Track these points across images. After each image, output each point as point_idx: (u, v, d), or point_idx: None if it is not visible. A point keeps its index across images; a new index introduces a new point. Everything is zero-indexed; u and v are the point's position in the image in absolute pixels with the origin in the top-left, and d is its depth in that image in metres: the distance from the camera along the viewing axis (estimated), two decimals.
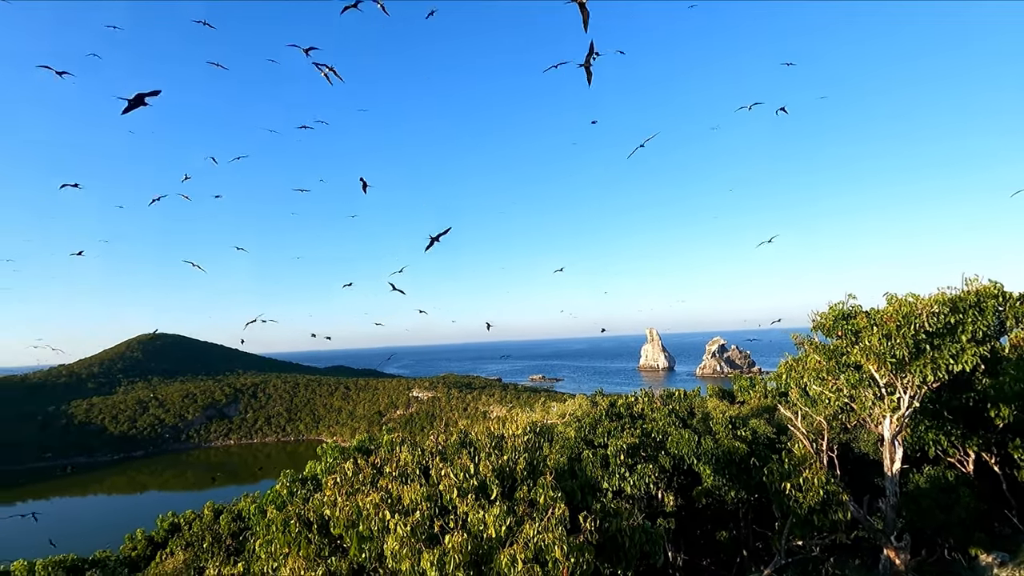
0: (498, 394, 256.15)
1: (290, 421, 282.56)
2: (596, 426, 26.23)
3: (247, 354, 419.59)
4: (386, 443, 19.41)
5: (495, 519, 8.95)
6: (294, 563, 9.82)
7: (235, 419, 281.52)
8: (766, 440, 25.43)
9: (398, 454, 13.39)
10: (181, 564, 27.74)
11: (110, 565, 28.62)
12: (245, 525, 27.00)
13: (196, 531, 28.78)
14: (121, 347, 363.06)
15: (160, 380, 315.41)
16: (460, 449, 13.90)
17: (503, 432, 14.57)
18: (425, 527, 9.51)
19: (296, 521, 11.98)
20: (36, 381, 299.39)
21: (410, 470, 12.83)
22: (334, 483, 12.50)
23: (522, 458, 11.35)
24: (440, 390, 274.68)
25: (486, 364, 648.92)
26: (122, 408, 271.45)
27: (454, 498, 10.07)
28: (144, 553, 32.67)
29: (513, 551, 8.39)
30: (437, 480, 11.16)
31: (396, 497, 11.15)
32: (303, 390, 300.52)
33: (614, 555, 10.72)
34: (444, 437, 15.25)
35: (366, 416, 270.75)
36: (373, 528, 9.93)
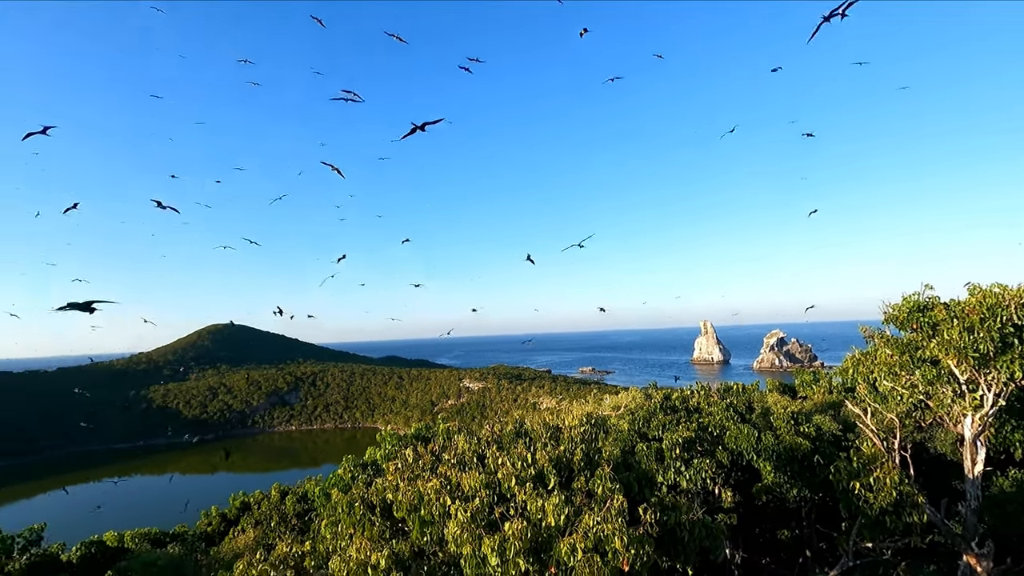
0: (548, 386, 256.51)
1: (347, 409, 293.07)
2: (650, 419, 25.84)
3: (306, 344, 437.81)
4: (442, 431, 19.85)
5: (555, 508, 9.03)
6: (360, 543, 10.24)
7: (296, 406, 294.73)
8: (831, 437, 24.36)
9: (455, 442, 13.70)
10: (252, 541, 29.46)
11: (188, 539, 30.79)
12: (310, 506, 28.34)
13: (265, 510, 30.45)
14: (193, 336, 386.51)
15: (227, 368, 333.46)
16: (516, 439, 14.06)
17: (558, 423, 14.62)
18: (484, 514, 9.70)
19: (360, 504, 12.46)
20: (120, 368, 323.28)
21: (467, 458, 13.10)
22: (395, 469, 12.93)
23: (579, 449, 11.37)
24: (490, 381, 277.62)
25: (536, 356, 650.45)
26: (194, 394, 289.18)
27: (512, 486, 10.21)
28: (218, 529, 34.92)
29: (573, 540, 8.45)
30: (494, 468, 11.35)
31: (455, 484, 11.42)
32: (359, 379, 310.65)
33: (673, 549, 10.60)
34: (500, 427, 15.46)
35: (419, 405, 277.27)
36: (434, 513, 10.22)
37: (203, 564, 26.66)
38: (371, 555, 9.50)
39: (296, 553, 11.86)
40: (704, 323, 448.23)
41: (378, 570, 9.35)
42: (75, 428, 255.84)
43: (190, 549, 27.56)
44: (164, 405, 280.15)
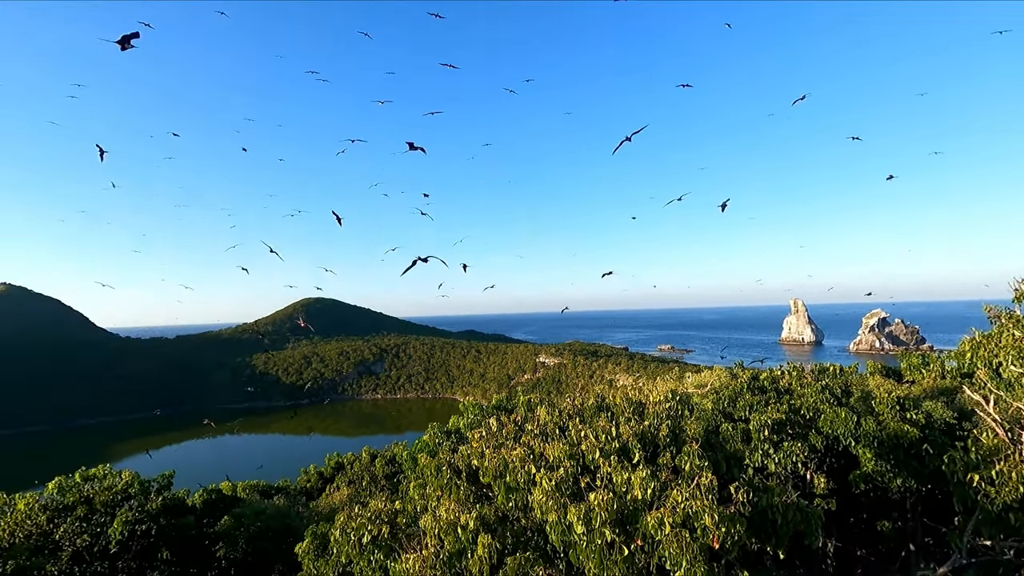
0: (624, 363, 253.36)
1: (428, 380, 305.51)
2: (736, 399, 24.85)
3: (390, 317, 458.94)
4: (522, 403, 20.24)
5: (642, 481, 8.98)
6: (448, 504, 10.74)
7: (381, 376, 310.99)
8: (943, 425, 22.29)
9: (537, 414, 13.92)
10: (345, 497, 31.78)
11: (291, 492, 33.78)
12: (397, 469, 30.07)
13: (357, 471, 32.68)
14: (288, 309, 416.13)
15: (320, 339, 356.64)
16: (598, 412, 14.06)
17: (641, 399, 14.43)
18: (569, 483, 9.83)
19: (447, 468, 13.02)
20: (226, 337, 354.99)
21: (549, 429, 13.29)
22: (480, 436, 13.36)
23: (664, 425, 11.18)
24: (566, 357, 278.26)
25: (613, 333, 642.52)
26: (291, 362, 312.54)
27: (596, 458, 10.25)
28: (316, 485, 37.99)
29: (660, 514, 8.38)
30: (577, 440, 11.43)
31: (538, 453, 11.63)
32: (439, 352, 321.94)
33: (763, 531, 10.24)
34: (581, 400, 15.51)
35: (496, 379, 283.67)
36: (519, 480, 10.49)
37: (304, 516, 29.15)
38: (460, 516, 9.94)
39: (389, 510, 12.63)
40: (794, 301, 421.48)
41: (466, 530, 9.78)
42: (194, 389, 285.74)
43: (293, 501, 30.28)
44: (265, 371, 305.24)
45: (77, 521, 21.27)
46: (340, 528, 12.21)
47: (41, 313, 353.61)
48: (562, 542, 8.97)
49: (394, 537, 11.97)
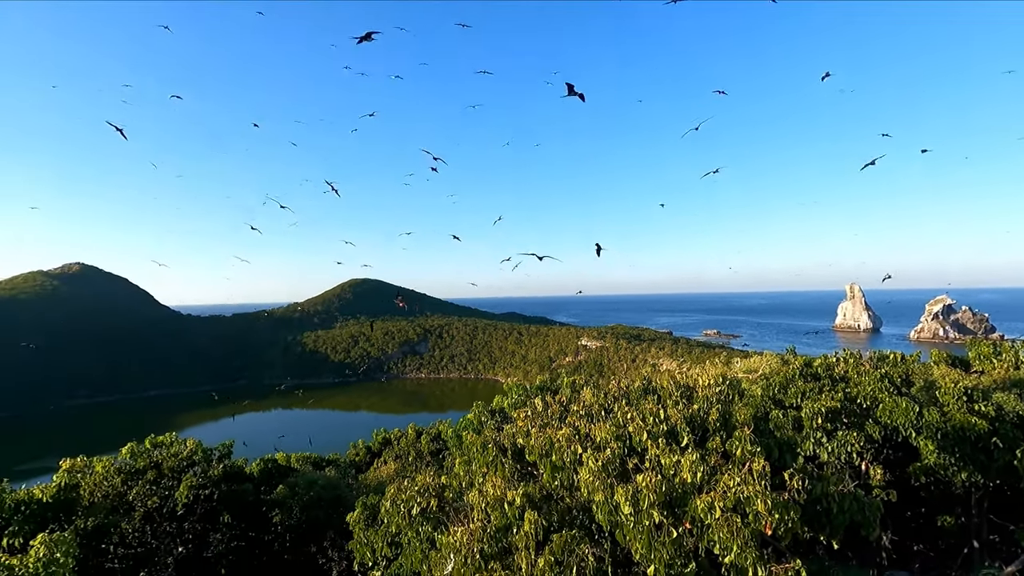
0: (668, 347, 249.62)
1: (470, 360, 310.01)
2: (787, 386, 24.08)
3: (433, 298, 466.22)
4: (567, 384, 20.25)
5: (691, 464, 8.86)
6: (495, 481, 10.92)
7: (425, 356, 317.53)
8: (1015, 419, 20.97)
9: (583, 395, 13.90)
10: (392, 472, 32.84)
11: (341, 465, 35.18)
12: (442, 446, 30.79)
13: (403, 446, 33.68)
14: (336, 289, 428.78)
15: (366, 318, 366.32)
16: (644, 395, 13.91)
17: (688, 382, 14.18)
18: (616, 464, 9.81)
19: (493, 446, 13.21)
20: (279, 316, 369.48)
21: (595, 411, 13.26)
22: (525, 416, 13.47)
23: (714, 409, 10.96)
24: (608, 340, 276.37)
25: (656, 316, 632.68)
26: (339, 341, 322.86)
27: (643, 440, 10.18)
28: (364, 459, 39.41)
29: (711, 498, 8.26)
30: (623, 422, 11.36)
31: (584, 434, 11.64)
32: (481, 333, 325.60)
33: (818, 520, 9.96)
34: (627, 382, 15.38)
35: (537, 361, 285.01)
36: (565, 459, 10.55)
37: (353, 487, 30.32)
38: (506, 493, 10.10)
39: (437, 484, 12.96)
40: (850, 286, 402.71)
41: (513, 506, 9.93)
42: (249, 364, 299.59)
43: (343, 473, 31.55)
44: (315, 349, 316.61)
45: (148, 484, 22.82)
46: (391, 499, 12.64)
47: (111, 291, 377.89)
48: (609, 522, 8.98)
49: (441, 510, 12.30)
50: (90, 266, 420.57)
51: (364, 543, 18.28)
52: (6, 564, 11.05)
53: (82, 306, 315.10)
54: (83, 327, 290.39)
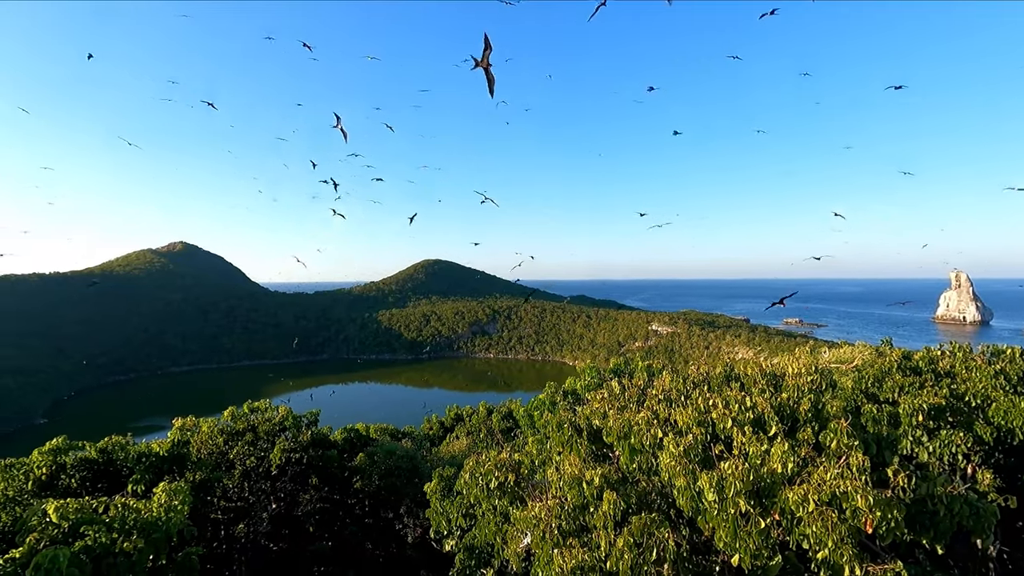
0: (745, 335, 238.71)
1: (538, 343, 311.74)
2: (883, 379, 22.42)
3: (502, 280, 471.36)
4: (641, 368, 19.93)
5: (782, 454, 8.49)
6: (572, 459, 11.00)
7: (494, 336, 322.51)
8: None
9: (662, 379, 13.62)
10: (464, 447, 33.84)
11: (416, 437, 36.72)
12: (513, 424, 31.34)
13: (474, 423, 34.60)
14: (410, 270, 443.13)
15: (438, 298, 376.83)
16: (727, 382, 13.44)
17: (775, 370, 13.53)
18: (698, 450, 9.58)
19: (568, 426, 13.27)
20: (356, 294, 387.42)
21: (673, 396, 12.98)
22: (602, 398, 13.41)
23: (805, 399, 10.41)
24: (680, 326, 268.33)
25: (732, 303, 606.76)
26: (412, 319, 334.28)
27: (728, 427, 9.85)
28: (438, 433, 40.91)
29: (804, 490, 7.90)
30: (705, 408, 11.04)
31: (663, 418, 11.44)
32: (549, 315, 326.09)
33: (920, 522, 9.27)
34: (707, 368, 14.91)
35: (605, 345, 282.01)
36: (644, 442, 10.42)
37: (428, 460, 31.58)
38: (585, 472, 10.14)
39: (513, 460, 13.22)
40: (956, 274, 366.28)
41: (591, 486, 9.97)
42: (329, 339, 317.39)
43: (418, 446, 32.95)
44: (389, 327, 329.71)
45: (246, 445, 24.85)
46: (469, 472, 13.05)
47: (209, 268, 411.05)
48: (691, 508, 8.82)
49: (517, 485, 12.56)
50: (192, 245, 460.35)
51: (440, 512, 19.06)
52: (134, 507, 12.45)
53: (185, 282, 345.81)
54: (186, 301, 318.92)
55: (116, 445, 21.28)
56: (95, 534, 11.18)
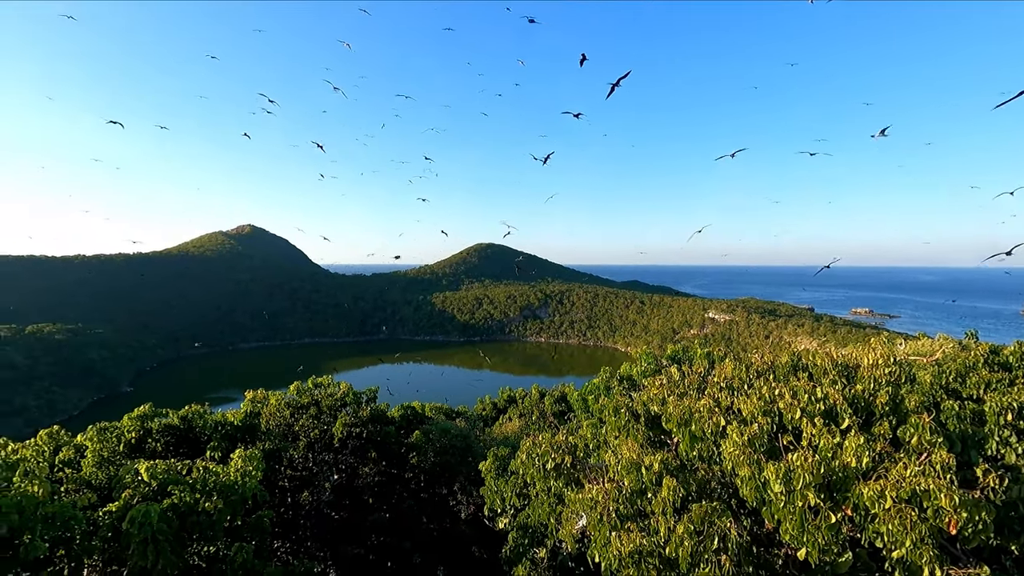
0: (808, 325, 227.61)
1: (590, 328, 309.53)
2: (967, 374, 20.89)
3: (554, 264, 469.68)
4: (701, 355, 19.39)
5: (857, 447, 8.09)
6: (630, 444, 10.90)
7: (545, 320, 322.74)
8: None
9: (724, 366, 13.23)
10: (517, 428, 34.22)
11: (470, 417, 37.45)
12: (566, 408, 31.40)
13: (527, 405, 34.91)
14: (463, 254, 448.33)
15: (490, 282, 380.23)
16: (793, 371, 12.90)
17: (847, 361, 12.85)
18: (763, 440, 9.28)
19: (625, 411, 13.14)
20: (411, 277, 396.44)
21: (735, 384, 12.59)
22: (660, 384, 13.18)
23: (883, 392, 9.84)
24: (739, 314, 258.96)
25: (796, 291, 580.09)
26: (465, 302, 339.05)
27: (796, 418, 9.47)
28: (491, 414, 41.58)
29: (880, 486, 7.51)
30: (770, 398, 10.65)
31: (725, 406, 11.13)
32: (602, 301, 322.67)
33: (1009, 526, 8.65)
34: (771, 357, 14.35)
35: (659, 332, 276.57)
36: (706, 430, 10.19)
37: (481, 439, 32.16)
38: (643, 457, 10.04)
39: (570, 443, 13.26)
40: None
41: (650, 471, 9.86)
42: (386, 320, 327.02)
43: (472, 425, 33.60)
44: (443, 309, 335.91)
45: (310, 418, 26.10)
46: (526, 452, 13.19)
47: (275, 250, 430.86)
48: (755, 498, 8.57)
49: (574, 467, 12.60)
50: (259, 228, 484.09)
51: (494, 491, 19.43)
52: (214, 471, 13.37)
53: (252, 263, 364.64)
54: (254, 281, 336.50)
55: (195, 413, 22.90)
56: (180, 493, 12.10)
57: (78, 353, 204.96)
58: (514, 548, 18.36)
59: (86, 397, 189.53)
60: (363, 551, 25.41)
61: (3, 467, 10.08)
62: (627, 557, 8.78)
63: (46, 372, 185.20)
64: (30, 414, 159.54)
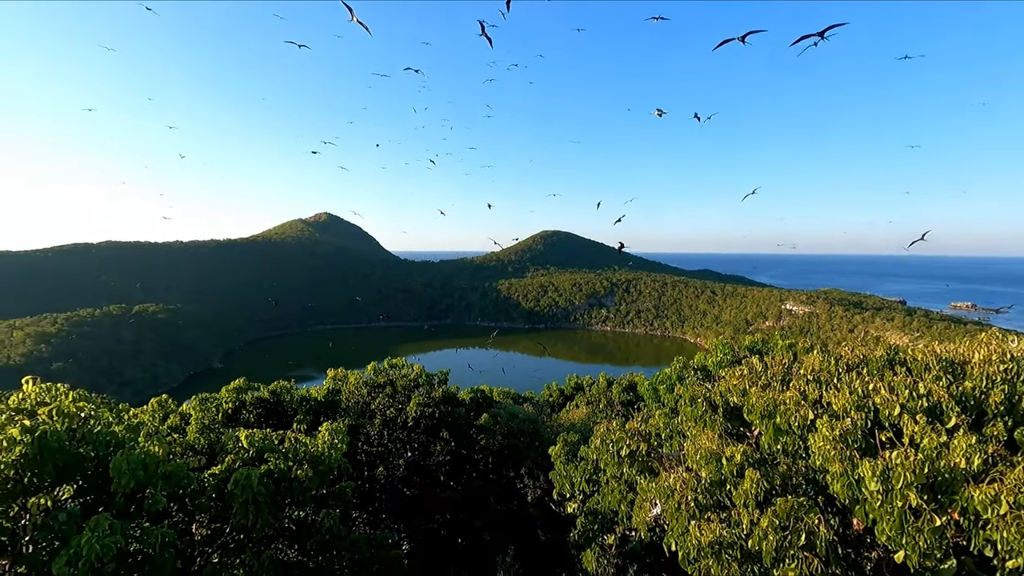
0: (899, 319, 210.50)
1: (657, 317, 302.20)
2: None
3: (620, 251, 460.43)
4: (782, 347, 18.52)
5: (967, 448, 7.51)
6: (709, 435, 10.65)
7: (611, 309, 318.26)
8: None
9: (810, 359, 12.59)
10: (584, 416, 34.18)
11: (537, 403, 37.79)
12: (635, 397, 31.01)
13: (594, 393, 34.74)
14: (529, 241, 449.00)
15: (556, 269, 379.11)
16: (889, 365, 12.08)
17: (953, 356, 11.87)
18: (857, 436, 8.79)
19: (703, 401, 12.83)
20: (478, 264, 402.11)
21: (823, 377, 11.95)
22: (741, 374, 12.74)
23: (997, 390, 9.02)
24: (820, 306, 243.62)
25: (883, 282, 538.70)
26: (530, 289, 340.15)
27: (895, 415, 8.89)
28: (557, 400, 41.75)
29: (995, 490, 6.94)
30: (864, 393, 10.04)
31: (813, 400, 10.63)
32: (670, 290, 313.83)
33: None
34: (865, 349, 13.49)
35: (731, 323, 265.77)
36: (792, 423, 9.78)
37: (548, 425, 32.40)
38: (724, 448, 9.79)
39: (644, 430, 13.12)
40: None
41: (731, 462, 9.61)
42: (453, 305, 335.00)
43: (539, 411, 33.90)
44: (508, 296, 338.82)
45: (386, 397, 27.28)
46: (600, 438, 13.19)
47: (349, 236, 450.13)
48: (847, 496, 8.17)
49: (648, 455, 12.48)
50: (334, 215, 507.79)
51: (564, 476, 19.60)
52: (303, 441, 14.33)
53: (328, 249, 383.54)
54: (329, 267, 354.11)
55: (283, 388, 24.54)
56: (276, 460, 13.07)
57: (177, 331, 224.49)
58: (583, 533, 18.50)
59: (184, 371, 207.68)
60: (435, 526, 26.42)
61: (129, 429, 11.28)
62: (706, 547, 8.63)
63: (150, 348, 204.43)
64: (136, 385, 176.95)
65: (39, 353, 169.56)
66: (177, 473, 11.09)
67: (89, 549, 8.18)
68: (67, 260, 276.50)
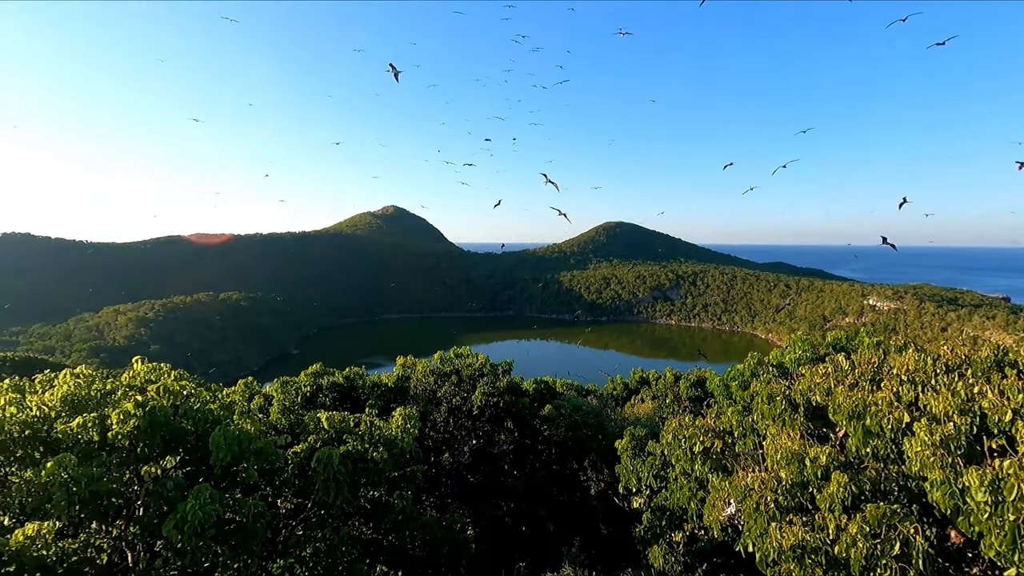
0: (1002, 316, 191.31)
1: (725, 311, 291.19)
2: None
3: (687, 243, 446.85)
4: (869, 344, 17.36)
5: None
6: (790, 434, 10.18)
7: (676, 302, 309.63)
8: None
9: (904, 357, 11.72)
10: (649, 411, 33.55)
11: (601, 396, 37.46)
12: (703, 393, 30.09)
13: (660, 388, 33.99)
14: (591, 232, 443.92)
15: (618, 261, 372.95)
16: (997, 367, 11.06)
17: None
18: (961, 441, 8.12)
19: (782, 399, 12.27)
20: (539, 255, 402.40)
21: (919, 378, 11.10)
22: (825, 372, 12.07)
23: None
24: (908, 301, 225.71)
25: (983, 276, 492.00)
26: (592, 281, 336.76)
27: (1005, 420, 8.14)
28: (622, 394, 41.20)
29: None
30: (969, 395, 9.25)
31: (908, 401, 9.91)
32: (740, 283, 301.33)
33: None
34: (965, 349, 12.41)
35: (807, 318, 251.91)
36: (884, 425, 9.16)
37: (612, 419, 32.05)
38: (808, 449, 9.33)
39: (719, 427, 12.74)
40: None
41: (816, 464, 9.15)
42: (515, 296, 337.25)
43: (603, 404, 33.60)
44: (570, 288, 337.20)
45: (452, 386, 27.92)
46: (672, 433, 12.93)
47: (415, 228, 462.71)
48: (949, 506, 7.58)
49: (722, 453, 12.10)
50: (401, 208, 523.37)
51: (630, 470, 19.35)
52: (378, 425, 14.95)
53: (395, 240, 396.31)
54: (396, 258, 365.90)
55: (356, 374, 25.65)
56: (353, 442, 13.72)
57: (257, 318, 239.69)
58: (649, 528, 18.24)
59: (263, 356, 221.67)
60: (500, 513, 26.87)
61: (224, 407, 12.20)
62: (787, 551, 8.28)
63: (234, 334, 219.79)
64: (222, 368, 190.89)
65: (139, 336, 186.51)
66: (266, 450, 11.88)
67: (193, 515, 8.94)
68: (163, 251, 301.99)
